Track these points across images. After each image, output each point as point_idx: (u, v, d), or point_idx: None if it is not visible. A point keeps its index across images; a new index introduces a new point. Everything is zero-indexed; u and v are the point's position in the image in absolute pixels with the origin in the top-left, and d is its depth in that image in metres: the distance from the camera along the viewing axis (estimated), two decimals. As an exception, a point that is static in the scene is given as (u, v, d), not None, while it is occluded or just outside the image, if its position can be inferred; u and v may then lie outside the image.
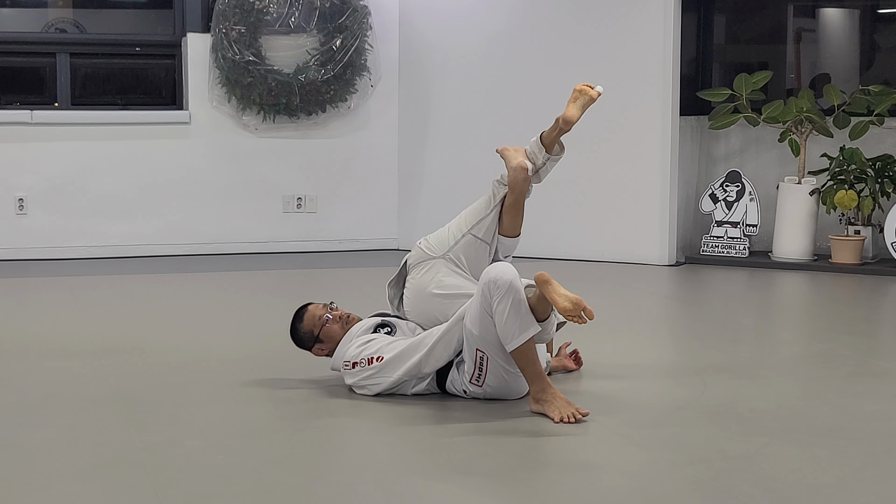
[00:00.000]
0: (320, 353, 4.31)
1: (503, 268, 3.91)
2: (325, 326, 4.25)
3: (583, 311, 3.79)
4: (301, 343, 4.34)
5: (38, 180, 7.76)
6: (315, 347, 4.29)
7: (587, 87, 4.19)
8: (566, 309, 3.79)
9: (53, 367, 4.66)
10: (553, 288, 3.83)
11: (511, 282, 3.86)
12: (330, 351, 4.27)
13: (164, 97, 8.30)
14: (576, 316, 3.80)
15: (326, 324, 4.25)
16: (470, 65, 8.07)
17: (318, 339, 4.27)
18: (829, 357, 4.99)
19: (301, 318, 4.32)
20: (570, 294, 3.82)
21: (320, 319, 4.26)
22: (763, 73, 7.75)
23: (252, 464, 3.40)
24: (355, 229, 8.37)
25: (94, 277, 7.09)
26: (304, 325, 4.30)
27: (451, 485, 3.27)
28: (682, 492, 3.20)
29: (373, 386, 4.10)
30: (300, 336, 4.32)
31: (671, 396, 4.32)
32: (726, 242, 7.81)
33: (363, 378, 4.10)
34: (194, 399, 4.18)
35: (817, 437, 3.70)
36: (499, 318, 3.87)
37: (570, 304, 3.78)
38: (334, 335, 4.25)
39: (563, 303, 3.79)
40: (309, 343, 4.30)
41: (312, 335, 4.27)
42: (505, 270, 3.89)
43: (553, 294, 3.81)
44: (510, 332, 3.86)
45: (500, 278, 3.86)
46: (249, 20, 7.84)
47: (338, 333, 4.25)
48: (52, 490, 3.18)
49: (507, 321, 3.85)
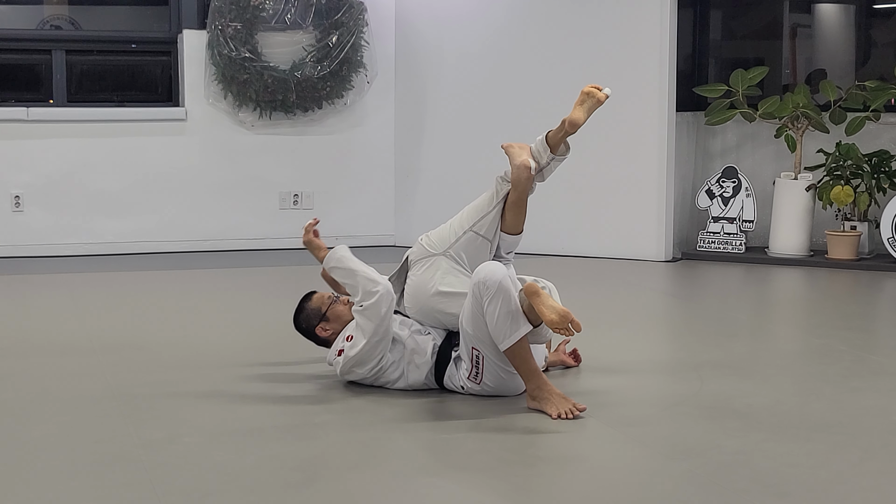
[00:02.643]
0: (324, 334, 4.28)
1: (492, 268, 3.91)
2: (333, 304, 4.26)
3: (570, 324, 3.79)
4: (307, 321, 4.30)
5: (35, 177, 7.75)
6: (319, 326, 4.27)
7: (595, 90, 4.15)
8: (553, 321, 3.78)
9: (51, 364, 4.65)
10: (541, 300, 3.82)
11: (500, 282, 3.86)
12: (334, 332, 4.25)
13: (161, 94, 8.29)
14: (563, 328, 3.79)
15: (335, 302, 4.26)
16: (466, 61, 8.07)
17: (324, 316, 4.26)
18: (826, 353, 5.00)
19: (309, 299, 4.33)
20: (558, 306, 3.81)
21: (329, 299, 4.29)
22: (759, 69, 7.76)
23: (250, 460, 3.40)
24: (352, 226, 8.37)
25: (91, 274, 7.09)
26: (311, 303, 4.30)
27: (449, 481, 3.27)
28: (679, 487, 3.20)
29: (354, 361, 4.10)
30: (307, 314, 4.30)
31: (668, 392, 4.32)
32: (723, 238, 7.82)
33: (345, 360, 4.11)
34: (192, 396, 4.17)
35: (814, 433, 3.70)
36: (490, 319, 3.87)
37: (557, 317, 3.78)
38: (341, 314, 4.25)
39: (550, 315, 3.79)
40: (315, 320, 4.27)
41: (320, 312, 4.26)
42: (494, 271, 3.89)
43: (541, 306, 3.81)
44: (502, 332, 3.87)
45: (490, 279, 3.86)
46: (245, 17, 7.84)
47: (345, 314, 4.24)
48: (50, 487, 3.18)
49: (498, 321, 3.86)
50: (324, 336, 4.30)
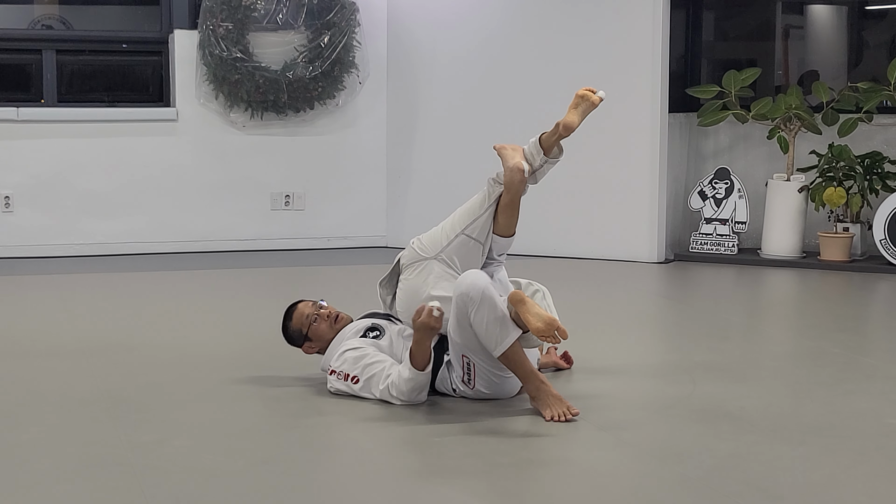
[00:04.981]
0: (310, 352, 4.30)
1: (474, 278, 3.88)
2: (312, 325, 4.24)
3: (556, 331, 3.77)
4: (292, 341, 4.34)
5: (25, 178, 7.72)
6: (305, 346, 4.29)
7: (589, 93, 4.12)
8: (539, 329, 3.76)
9: (40, 366, 4.63)
10: (527, 308, 3.80)
11: (483, 290, 3.84)
12: (321, 349, 4.25)
13: (151, 94, 8.27)
14: (549, 336, 3.78)
15: (314, 322, 4.24)
16: (458, 61, 8.06)
17: (307, 337, 4.26)
18: (818, 355, 4.99)
19: (290, 317, 4.31)
20: (544, 313, 3.80)
21: (308, 318, 4.25)
22: (752, 70, 7.75)
23: (241, 463, 3.39)
24: (343, 227, 8.35)
25: (81, 275, 7.06)
26: (293, 324, 4.29)
27: (440, 483, 3.25)
28: (671, 491, 3.19)
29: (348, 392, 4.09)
30: (290, 334, 4.32)
31: (660, 395, 4.31)
32: (715, 240, 7.82)
33: (339, 389, 4.09)
34: (182, 398, 4.16)
35: (807, 436, 3.69)
36: (479, 328, 3.85)
37: (542, 325, 3.76)
38: (322, 334, 4.24)
39: (536, 322, 3.77)
40: (299, 341, 4.30)
41: (301, 333, 4.27)
42: (476, 281, 3.86)
43: (527, 314, 3.79)
44: (493, 339, 3.85)
45: (473, 289, 3.84)
46: (237, 17, 7.81)
47: (326, 332, 4.23)
48: (38, 490, 3.16)
49: (487, 329, 3.84)
50: (310, 353, 4.31)
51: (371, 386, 4.02)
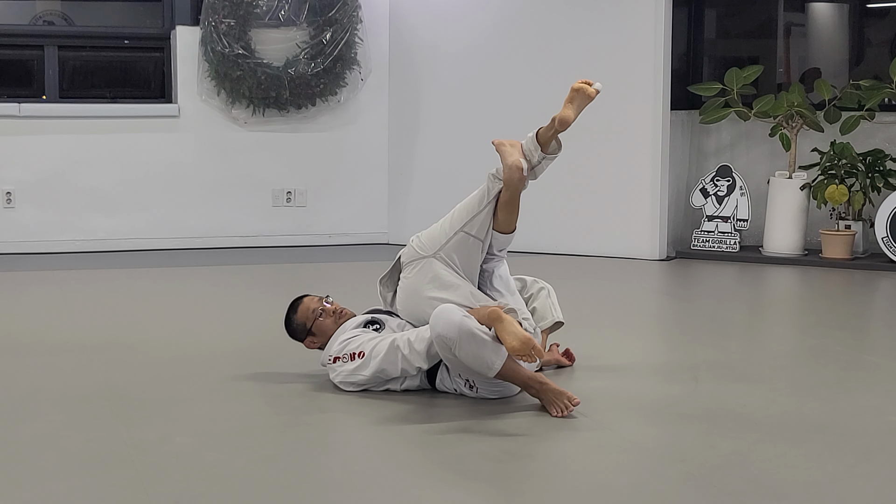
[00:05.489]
0: (312, 346, 4.30)
1: (446, 318, 3.78)
2: (317, 320, 4.24)
3: (532, 350, 3.75)
4: (294, 334, 4.33)
5: (26, 174, 7.72)
6: (307, 340, 4.29)
7: (585, 86, 4.08)
8: (515, 348, 3.74)
9: (41, 363, 4.63)
10: (503, 326, 3.77)
11: (459, 326, 3.76)
12: (322, 344, 4.25)
13: (153, 90, 8.26)
14: (525, 355, 3.76)
15: (319, 317, 4.24)
16: (460, 58, 8.05)
17: (310, 331, 4.26)
18: (821, 352, 4.99)
19: (295, 310, 4.31)
20: (520, 332, 3.76)
21: (313, 313, 4.25)
22: (754, 68, 7.75)
23: (242, 460, 3.38)
24: (345, 223, 8.34)
25: (83, 271, 7.06)
26: (297, 317, 4.29)
27: (441, 482, 3.25)
28: (673, 489, 3.18)
29: (354, 381, 4.07)
30: (293, 327, 4.32)
31: (663, 393, 4.30)
32: (717, 237, 7.81)
33: (346, 374, 4.08)
34: (184, 395, 4.15)
35: (809, 433, 3.69)
36: (468, 360, 3.80)
37: (518, 344, 3.73)
38: (326, 329, 4.24)
39: (511, 342, 3.74)
40: (301, 335, 4.29)
41: (305, 328, 4.26)
42: (449, 320, 3.77)
43: (503, 333, 3.77)
44: (484, 363, 3.81)
45: (448, 329, 3.76)
46: (239, 13, 7.81)
47: (330, 328, 4.23)
48: (40, 487, 3.16)
49: (475, 359, 3.80)
50: (312, 348, 4.31)
51: (376, 355, 3.99)
